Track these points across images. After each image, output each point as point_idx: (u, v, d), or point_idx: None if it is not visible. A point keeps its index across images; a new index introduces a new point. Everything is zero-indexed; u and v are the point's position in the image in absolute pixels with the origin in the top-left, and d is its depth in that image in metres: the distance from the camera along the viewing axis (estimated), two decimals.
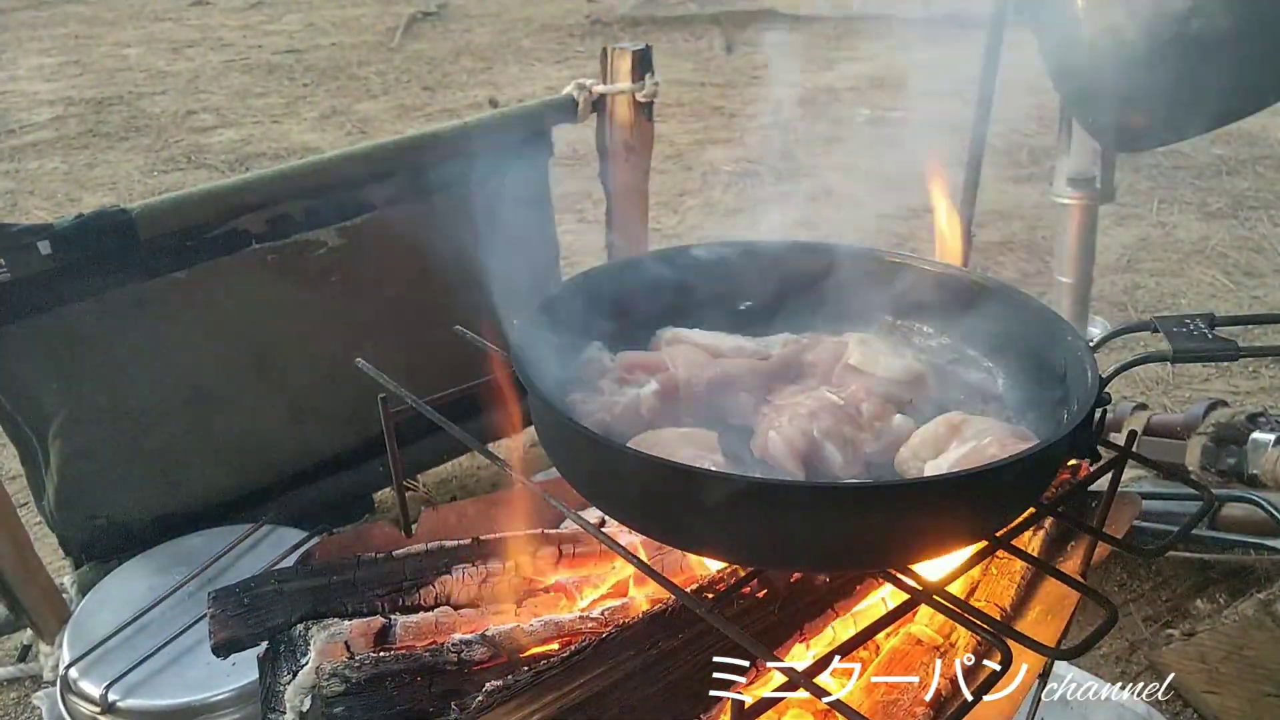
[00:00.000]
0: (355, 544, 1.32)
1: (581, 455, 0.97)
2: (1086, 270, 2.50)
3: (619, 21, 8.41)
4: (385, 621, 1.16)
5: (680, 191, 4.70)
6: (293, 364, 2.09)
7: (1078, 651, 0.84)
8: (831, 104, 6.03)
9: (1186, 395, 2.96)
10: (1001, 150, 4.87)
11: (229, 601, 1.18)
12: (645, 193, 2.46)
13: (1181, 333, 1.14)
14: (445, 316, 1.37)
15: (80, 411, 1.84)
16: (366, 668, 1.07)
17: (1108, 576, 2.27)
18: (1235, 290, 3.60)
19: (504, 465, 1.10)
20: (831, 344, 1.21)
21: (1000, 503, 0.91)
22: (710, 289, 1.28)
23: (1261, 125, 5.14)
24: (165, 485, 1.98)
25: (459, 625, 1.17)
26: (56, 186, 5.02)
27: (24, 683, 2.06)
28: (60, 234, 1.69)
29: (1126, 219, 4.21)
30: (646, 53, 2.22)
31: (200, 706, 1.55)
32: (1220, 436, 2.06)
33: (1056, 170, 2.41)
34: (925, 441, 1.03)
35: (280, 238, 1.98)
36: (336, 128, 5.89)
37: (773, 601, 1.12)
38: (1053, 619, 1.20)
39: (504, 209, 2.30)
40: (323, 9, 9.49)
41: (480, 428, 2.44)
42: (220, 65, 7.43)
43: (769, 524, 0.86)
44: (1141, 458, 1.21)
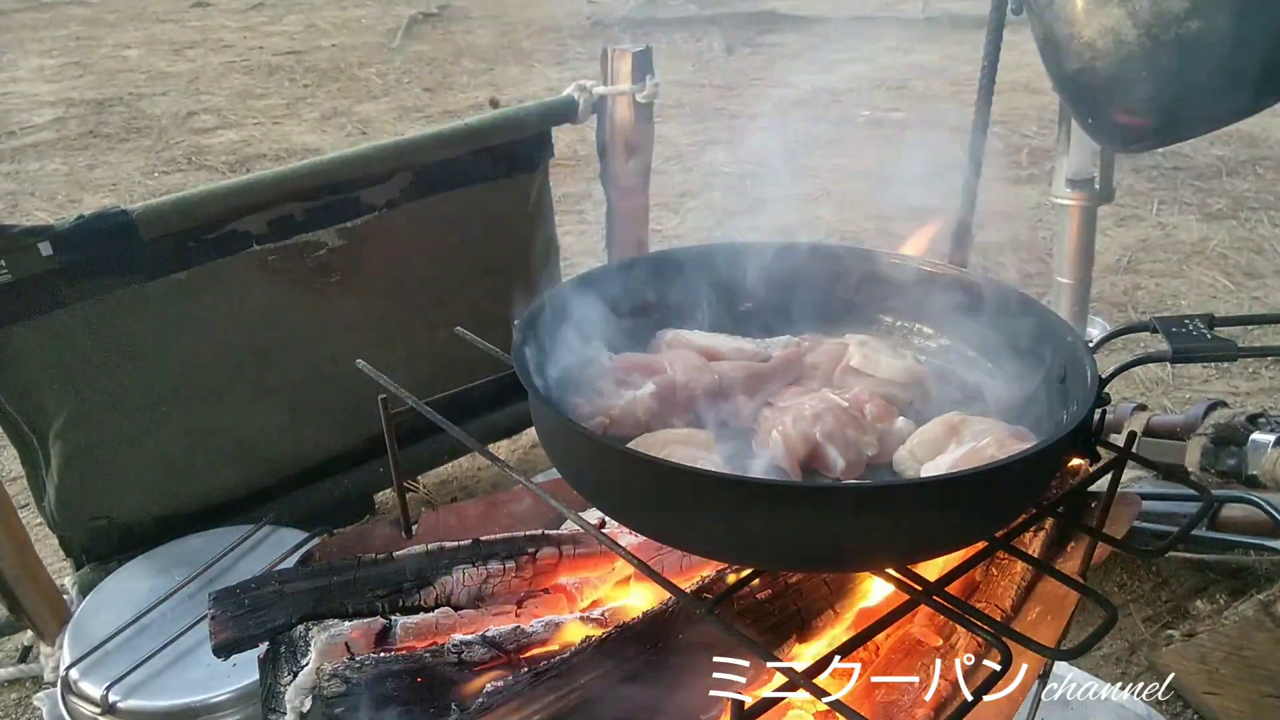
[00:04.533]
0: (356, 545, 1.32)
1: (582, 456, 0.97)
2: (1086, 271, 2.49)
3: (619, 23, 8.42)
4: (386, 622, 1.16)
5: (680, 192, 4.70)
6: (293, 365, 2.09)
7: (1078, 652, 0.84)
8: (832, 105, 6.04)
9: (1186, 396, 2.96)
10: (1001, 151, 4.87)
11: (230, 602, 1.18)
12: (645, 194, 2.46)
13: (1181, 333, 1.14)
14: (445, 317, 1.37)
15: (81, 412, 1.84)
16: (367, 668, 1.07)
17: (1108, 577, 2.27)
18: (1235, 291, 3.60)
19: (504, 466, 1.10)
20: (832, 346, 1.21)
21: (1000, 503, 0.91)
22: (710, 290, 1.28)
23: (1262, 126, 5.14)
24: (166, 486, 1.99)
25: (459, 626, 1.17)
26: (57, 188, 5.02)
27: (25, 684, 2.06)
28: (61, 235, 1.69)
29: (1127, 220, 4.21)
30: (647, 54, 2.22)
31: (201, 707, 1.55)
32: (1220, 437, 2.07)
33: (1056, 171, 2.41)
34: (924, 442, 1.03)
35: (281, 239, 1.98)
36: (337, 129, 5.89)
37: (773, 602, 1.12)
38: (1053, 619, 1.20)
39: (504, 210, 2.30)
40: (323, 10, 9.50)
41: (480, 428, 2.45)
42: (221, 66, 7.44)
43: (769, 524, 0.86)
44: (1141, 458, 1.21)
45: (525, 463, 2.74)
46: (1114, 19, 1.54)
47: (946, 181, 2.23)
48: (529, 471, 2.05)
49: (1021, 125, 5.22)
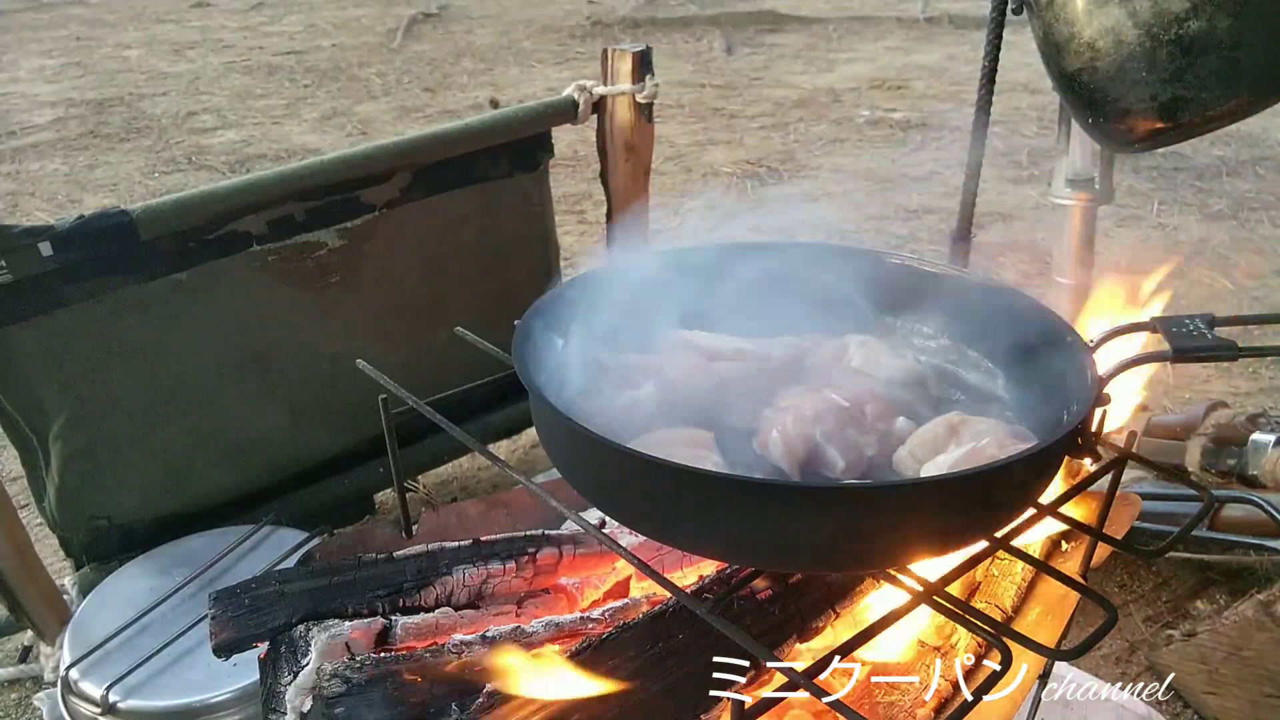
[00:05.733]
0: (356, 545, 1.32)
1: (582, 456, 0.97)
2: (1086, 272, 2.49)
3: (619, 23, 8.42)
4: (386, 622, 1.16)
5: (681, 193, 4.70)
6: (293, 365, 2.09)
7: (1078, 652, 0.84)
8: (832, 105, 6.04)
9: (1186, 396, 2.96)
10: (1001, 151, 4.87)
11: (230, 602, 1.18)
12: (646, 194, 2.46)
13: (1181, 333, 1.14)
14: (445, 317, 1.37)
15: (81, 413, 1.84)
16: (367, 668, 1.07)
17: (1108, 577, 2.27)
18: (1235, 291, 3.60)
19: (504, 466, 1.10)
20: (832, 346, 1.21)
21: (1000, 503, 0.91)
22: (710, 290, 1.28)
23: (1262, 126, 5.14)
24: (166, 486, 1.99)
25: (459, 626, 1.17)
26: (57, 188, 5.02)
27: (25, 684, 2.06)
28: (61, 235, 1.69)
29: (1127, 220, 4.21)
30: (647, 54, 2.22)
31: (201, 707, 1.55)
32: (1220, 437, 2.07)
33: (1056, 171, 2.41)
34: (924, 442, 1.03)
35: (281, 239, 1.98)
36: (337, 129, 5.89)
37: (773, 602, 1.12)
38: (1053, 620, 1.20)
39: (504, 210, 2.30)
40: (323, 10, 9.50)
41: (480, 428, 2.45)
42: (221, 66, 7.44)
43: (769, 524, 0.86)
44: (1141, 458, 1.21)
45: (525, 463, 2.74)
46: (1114, 19, 1.54)
47: (946, 181, 2.23)
48: (529, 471, 2.05)
49: (1021, 125, 5.22)
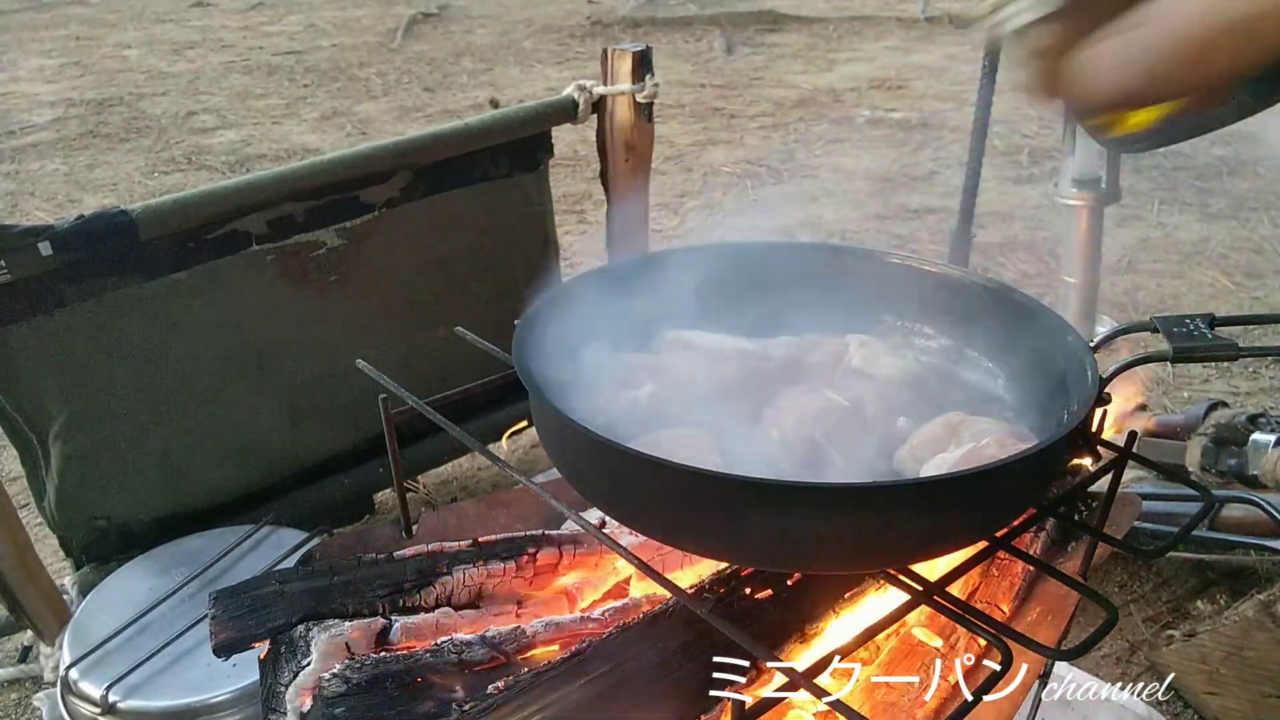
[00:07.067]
0: (356, 545, 1.32)
1: (582, 456, 0.97)
2: (1093, 271, 2.50)
3: (619, 23, 8.42)
4: (386, 622, 1.16)
5: (681, 193, 4.70)
6: (293, 365, 2.09)
7: (1078, 652, 0.84)
8: (832, 105, 6.04)
9: (1186, 395, 2.96)
10: (1002, 151, 4.87)
11: (230, 602, 1.18)
12: (646, 194, 2.46)
13: (1181, 333, 1.14)
14: (445, 317, 1.37)
15: (81, 412, 1.84)
16: (367, 668, 1.07)
17: (1108, 577, 2.27)
18: (1235, 291, 3.60)
19: (504, 466, 1.10)
20: (832, 346, 1.21)
21: (1000, 503, 0.91)
22: (710, 290, 1.28)
23: (1262, 126, 5.14)
24: (166, 486, 1.99)
25: (459, 626, 1.17)
26: (57, 188, 5.02)
27: (24, 684, 2.06)
28: (61, 235, 1.69)
29: (1127, 220, 4.21)
30: (647, 54, 2.22)
31: (201, 707, 1.55)
32: (1220, 437, 2.06)
33: (1061, 171, 2.41)
34: (925, 442, 1.03)
35: (280, 239, 1.98)
36: (337, 129, 5.89)
37: (773, 602, 1.12)
38: (1053, 620, 1.20)
39: (504, 210, 2.30)
40: (323, 10, 9.50)
41: (480, 428, 2.45)
42: (221, 66, 7.44)
43: (769, 524, 0.86)
44: (1141, 458, 1.21)
45: (525, 463, 2.74)
46: None
47: (946, 181, 2.23)
48: (529, 471, 2.05)
49: (1021, 125, 5.22)
